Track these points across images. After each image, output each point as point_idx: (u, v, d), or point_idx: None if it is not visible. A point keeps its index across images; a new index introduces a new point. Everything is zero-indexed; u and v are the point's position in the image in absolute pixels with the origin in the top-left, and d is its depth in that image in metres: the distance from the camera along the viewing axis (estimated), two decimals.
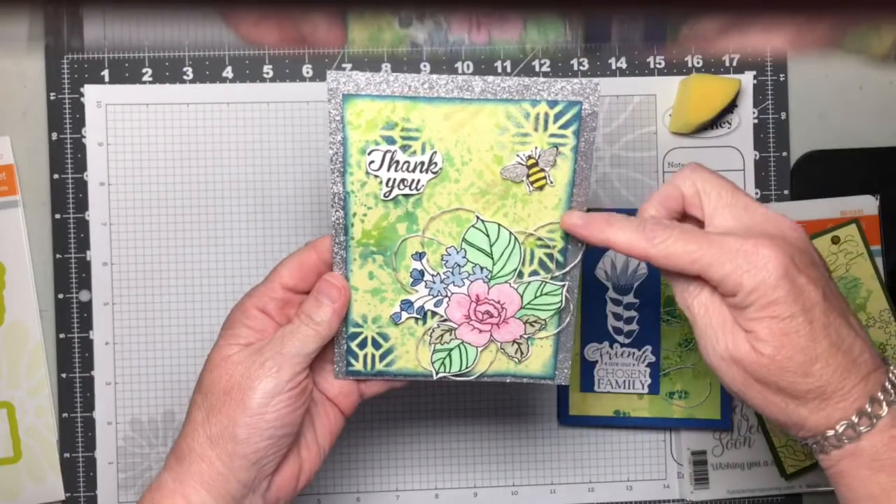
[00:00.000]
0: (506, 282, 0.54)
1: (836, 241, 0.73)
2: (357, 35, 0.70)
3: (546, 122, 0.51)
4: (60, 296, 0.71)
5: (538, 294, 0.55)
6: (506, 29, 0.70)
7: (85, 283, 0.71)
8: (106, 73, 0.72)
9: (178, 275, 0.71)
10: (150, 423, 0.72)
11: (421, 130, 0.51)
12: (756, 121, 0.74)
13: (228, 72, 0.72)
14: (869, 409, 0.49)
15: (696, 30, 0.68)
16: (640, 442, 0.74)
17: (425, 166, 0.51)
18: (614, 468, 0.74)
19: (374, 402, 0.72)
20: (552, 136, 0.51)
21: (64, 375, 0.71)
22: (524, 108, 0.51)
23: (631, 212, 0.72)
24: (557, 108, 0.51)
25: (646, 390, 0.72)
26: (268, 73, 0.72)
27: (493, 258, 0.54)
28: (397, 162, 0.51)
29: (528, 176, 0.52)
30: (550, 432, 0.74)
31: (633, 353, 0.72)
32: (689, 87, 0.71)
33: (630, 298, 0.72)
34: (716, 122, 0.73)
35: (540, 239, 0.53)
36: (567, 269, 0.54)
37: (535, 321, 0.55)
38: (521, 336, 0.56)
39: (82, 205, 0.71)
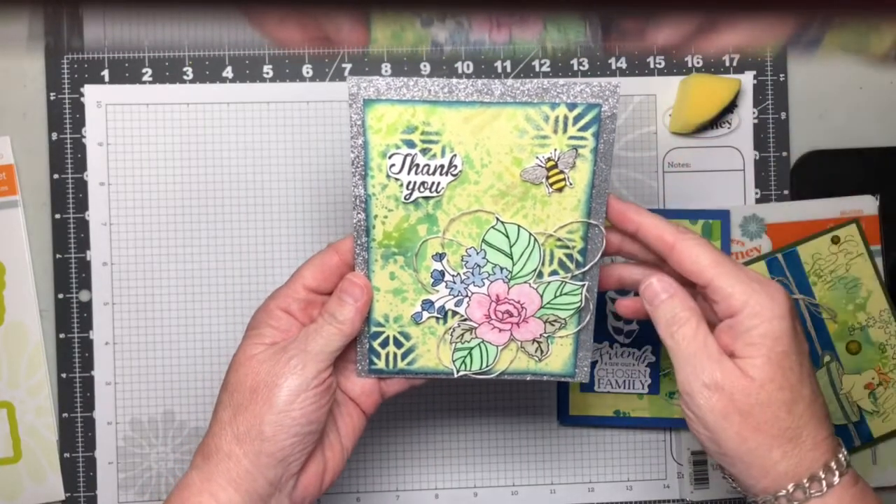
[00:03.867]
0: (525, 282, 0.55)
1: (836, 241, 0.73)
2: (380, 35, 0.70)
3: (565, 124, 0.52)
4: (60, 296, 0.71)
5: (558, 294, 0.55)
6: (526, 28, 0.70)
7: (85, 283, 0.71)
8: (106, 73, 0.72)
9: (178, 275, 0.71)
10: (150, 423, 0.72)
11: (441, 134, 0.52)
12: (756, 121, 0.74)
13: (228, 72, 0.72)
14: (833, 466, 0.52)
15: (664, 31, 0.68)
16: (640, 442, 0.74)
17: (445, 169, 0.52)
18: (614, 468, 0.74)
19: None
20: (571, 138, 0.52)
21: (64, 375, 0.71)
22: (543, 110, 0.52)
23: None
24: (577, 111, 0.52)
25: (646, 390, 0.72)
26: (268, 73, 0.72)
27: (512, 259, 0.54)
28: (417, 165, 0.52)
29: (548, 178, 0.53)
30: (550, 432, 0.74)
31: (633, 353, 0.72)
32: (689, 87, 0.71)
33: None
34: (716, 122, 0.73)
35: (559, 240, 0.54)
36: (586, 268, 0.55)
37: (555, 320, 0.56)
38: (541, 335, 0.56)
39: (82, 205, 0.71)
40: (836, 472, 0.51)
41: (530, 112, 0.51)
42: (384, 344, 0.58)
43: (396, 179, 0.53)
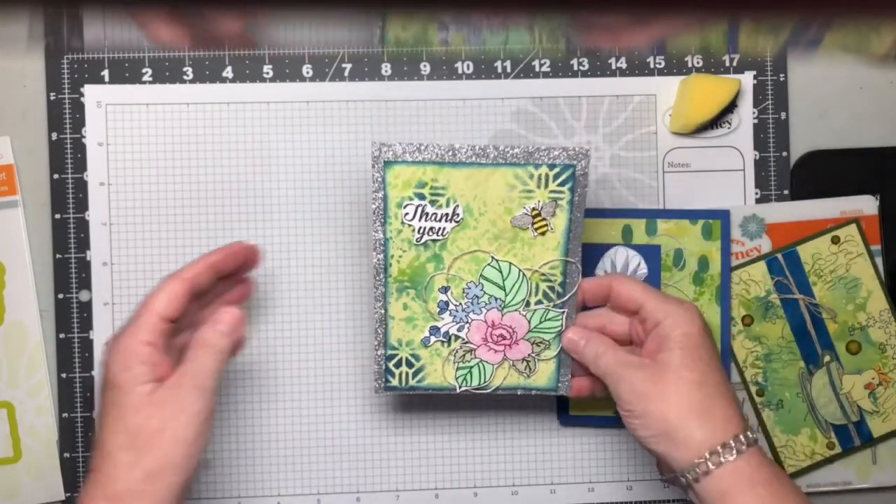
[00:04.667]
0: (516, 310, 0.65)
1: (836, 241, 0.73)
2: (393, 21, 0.71)
3: (546, 181, 0.63)
4: (60, 296, 0.71)
5: (542, 320, 0.65)
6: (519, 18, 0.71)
7: (85, 283, 0.71)
8: (106, 72, 0.72)
9: None
10: None
11: (446, 188, 0.63)
12: (756, 121, 0.74)
13: (228, 72, 0.72)
14: (743, 438, 0.59)
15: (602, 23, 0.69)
16: None
17: (449, 217, 0.63)
18: (614, 468, 0.74)
19: (374, 402, 0.72)
20: (552, 192, 0.63)
21: (64, 375, 0.71)
22: (529, 170, 0.63)
23: (630, 212, 0.72)
24: (556, 170, 0.63)
25: None
26: (268, 73, 0.72)
27: (505, 290, 0.64)
28: (427, 213, 0.63)
29: (533, 224, 0.63)
30: (550, 432, 0.74)
31: None
32: (689, 86, 0.71)
33: None
34: (716, 122, 0.73)
35: (543, 274, 0.64)
36: (566, 298, 0.65)
37: (540, 342, 0.65)
38: (529, 355, 0.66)
39: (82, 205, 0.71)
40: (745, 442, 0.59)
41: (518, 171, 0.62)
42: (398, 365, 0.65)
43: (409, 225, 0.63)
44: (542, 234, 0.63)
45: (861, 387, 0.73)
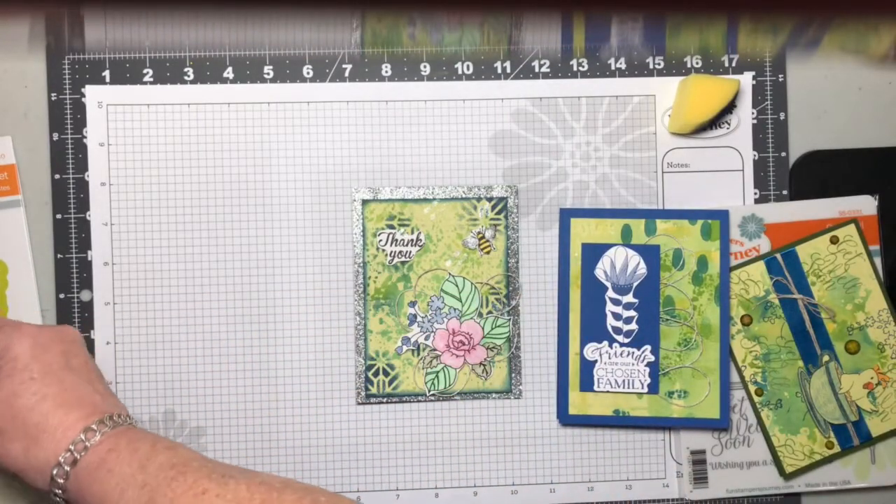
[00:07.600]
0: (471, 318, 0.74)
1: (834, 240, 0.73)
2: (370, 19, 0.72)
3: (487, 211, 0.74)
4: (62, 295, 0.71)
5: (494, 327, 0.74)
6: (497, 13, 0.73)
7: (86, 283, 0.71)
8: (107, 73, 0.72)
9: (178, 275, 0.72)
10: (150, 423, 0.72)
11: (411, 220, 0.73)
12: (755, 121, 0.74)
13: (229, 72, 0.72)
14: (83, 437, 0.60)
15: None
16: (640, 441, 0.74)
17: (414, 242, 0.73)
18: (614, 467, 0.74)
19: (374, 401, 0.72)
20: (492, 220, 0.74)
21: None
22: (473, 203, 0.74)
23: (630, 212, 0.73)
24: (493, 203, 0.74)
25: (645, 390, 0.72)
26: (268, 74, 0.72)
27: (462, 302, 0.74)
28: (396, 240, 0.73)
29: (479, 245, 0.74)
30: (550, 432, 0.74)
31: (633, 353, 0.72)
32: (689, 87, 0.71)
33: (629, 298, 0.72)
34: (715, 122, 0.74)
35: (492, 287, 0.74)
36: (511, 306, 0.74)
37: (493, 347, 0.74)
38: (485, 359, 0.74)
39: (83, 205, 0.72)
40: (98, 431, 0.60)
41: (465, 204, 0.74)
42: (376, 374, 0.72)
43: (383, 251, 0.73)
44: (487, 253, 0.74)
45: (860, 386, 0.73)
